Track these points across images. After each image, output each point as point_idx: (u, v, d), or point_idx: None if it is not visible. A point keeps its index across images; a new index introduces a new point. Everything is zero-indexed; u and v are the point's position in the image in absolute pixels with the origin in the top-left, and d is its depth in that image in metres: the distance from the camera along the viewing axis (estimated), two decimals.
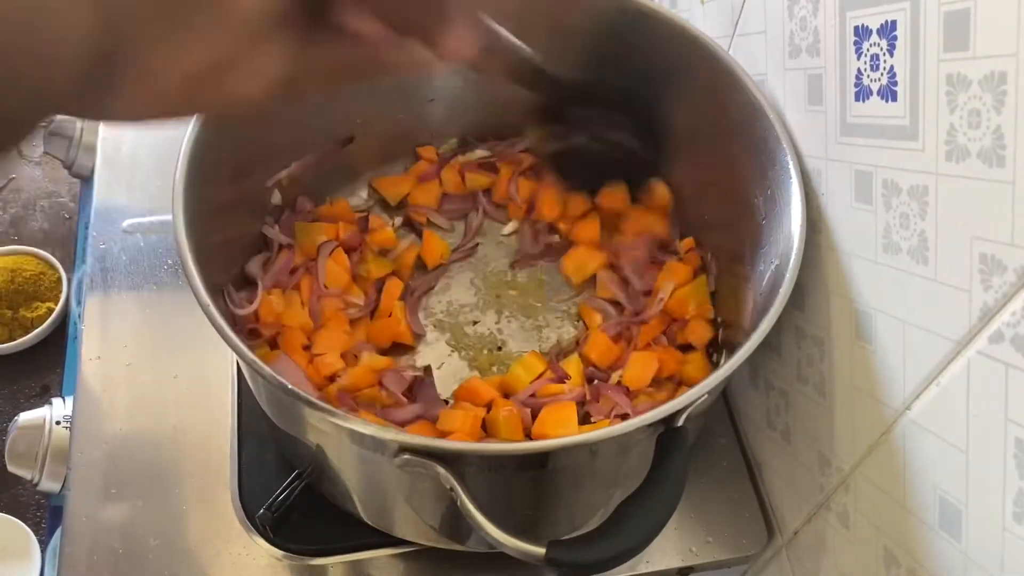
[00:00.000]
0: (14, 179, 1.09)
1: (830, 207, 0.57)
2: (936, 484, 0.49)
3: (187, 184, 0.57)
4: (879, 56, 0.50)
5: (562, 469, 0.56)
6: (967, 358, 0.46)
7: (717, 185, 0.72)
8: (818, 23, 0.56)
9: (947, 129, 0.45)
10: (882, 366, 0.53)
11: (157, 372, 0.74)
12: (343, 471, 0.60)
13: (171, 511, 0.68)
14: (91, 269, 0.81)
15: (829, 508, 0.62)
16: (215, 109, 0.39)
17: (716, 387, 0.53)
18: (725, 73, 0.64)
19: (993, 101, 0.41)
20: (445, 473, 0.49)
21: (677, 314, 0.72)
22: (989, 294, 0.43)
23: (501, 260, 0.80)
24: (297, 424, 0.59)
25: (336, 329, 0.70)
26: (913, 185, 0.48)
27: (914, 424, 0.51)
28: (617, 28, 0.69)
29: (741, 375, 0.74)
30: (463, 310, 0.76)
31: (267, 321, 0.69)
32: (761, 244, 0.63)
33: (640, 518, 0.49)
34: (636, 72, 0.68)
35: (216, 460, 0.70)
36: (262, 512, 0.66)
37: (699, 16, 0.72)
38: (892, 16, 0.48)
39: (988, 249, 0.43)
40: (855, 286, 0.55)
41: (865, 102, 0.52)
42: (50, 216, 1.06)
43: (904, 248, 0.50)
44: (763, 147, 0.62)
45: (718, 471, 0.74)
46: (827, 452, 0.61)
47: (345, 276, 0.73)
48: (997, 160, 0.42)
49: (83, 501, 0.68)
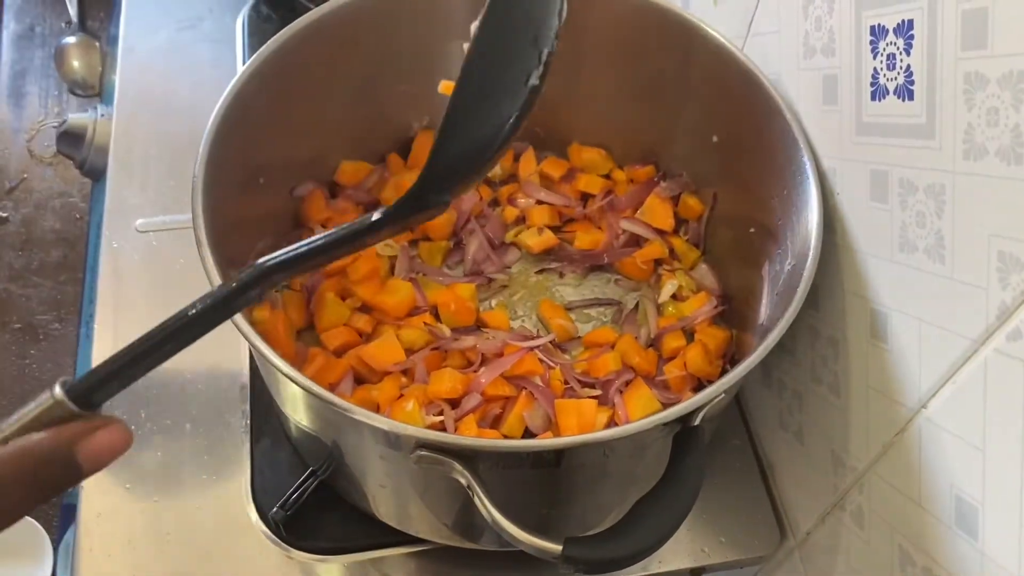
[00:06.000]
0: (26, 179, 1.10)
1: (846, 206, 0.57)
2: (952, 482, 0.49)
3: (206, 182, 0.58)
4: (895, 55, 0.50)
5: (578, 467, 0.56)
6: (984, 356, 0.46)
7: (733, 186, 0.72)
8: (833, 23, 0.56)
9: (964, 127, 0.45)
10: (898, 365, 0.53)
11: (170, 370, 0.75)
12: (359, 468, 0.61)
13: (185, 509, 0.68)
14: (103, 268, 0.81)
15: (843, 508, 0.62)
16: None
17: (733, 386, 0.53)
18: (741, 73, 0.65)
19: (1012, 99, 0.41)
20: (461, 469, 0.50)
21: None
22: (1007, 292, 0.43)
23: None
24: (314, 421, 0.59)
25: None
26: (930, 184, 0.48)
27: (930, 423, 0.51)
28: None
29: (754, 376, 0.74)
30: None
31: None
32: (778, 244, 0.63)
33: (657, 517, 0.50)
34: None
35: (230, 458, 0.70)
36: (275, 510, 0.67)
37: (713, 17, 0.72)
38: (909, 15, 0.49)
39: (1006, 247, 0.43)
40: (871, 285, 0.55)
41: (881, 101, 0.52)
42: (62, 216, 1.07)
43: (920, 247, 0.50)
44: (779, 147, 0.62)
45: (731, 472, 0.74)
46: (841, 452, 0.61)
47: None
48: (1016, 158, 0.42)
49: (97, 498, 0.68)
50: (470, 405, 0.65)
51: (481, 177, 0.45)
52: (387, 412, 0.64)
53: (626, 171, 0.81)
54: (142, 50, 0.97)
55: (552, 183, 0.81)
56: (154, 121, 0.91)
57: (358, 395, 0.66)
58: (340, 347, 0.69)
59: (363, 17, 0.68)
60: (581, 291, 0.79)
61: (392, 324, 0.71)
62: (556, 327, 0.74)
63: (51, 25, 1.22)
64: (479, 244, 0.78)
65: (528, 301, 0.78)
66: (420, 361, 0.68)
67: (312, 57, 0.67)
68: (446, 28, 0.71)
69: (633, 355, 0.71)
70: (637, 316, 0.76)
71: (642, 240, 0.78)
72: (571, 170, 0.82)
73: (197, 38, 0.99)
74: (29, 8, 1.23)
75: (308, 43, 0.66)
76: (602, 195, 0.80)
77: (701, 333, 0.72)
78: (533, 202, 0.80)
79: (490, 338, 0.71)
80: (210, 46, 0.98)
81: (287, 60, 0.65)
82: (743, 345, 0.70)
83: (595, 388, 0.69)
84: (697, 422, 0.52)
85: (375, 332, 0.71)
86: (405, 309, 0.72)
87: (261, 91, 0.63)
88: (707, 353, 0.69)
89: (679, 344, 0.71)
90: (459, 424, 0.64)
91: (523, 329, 0.75)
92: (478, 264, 0.78)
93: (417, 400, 0.64)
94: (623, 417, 0.66)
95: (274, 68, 0.64)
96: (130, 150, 0.89)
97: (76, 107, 1.12)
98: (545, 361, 0.70)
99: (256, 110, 0.63)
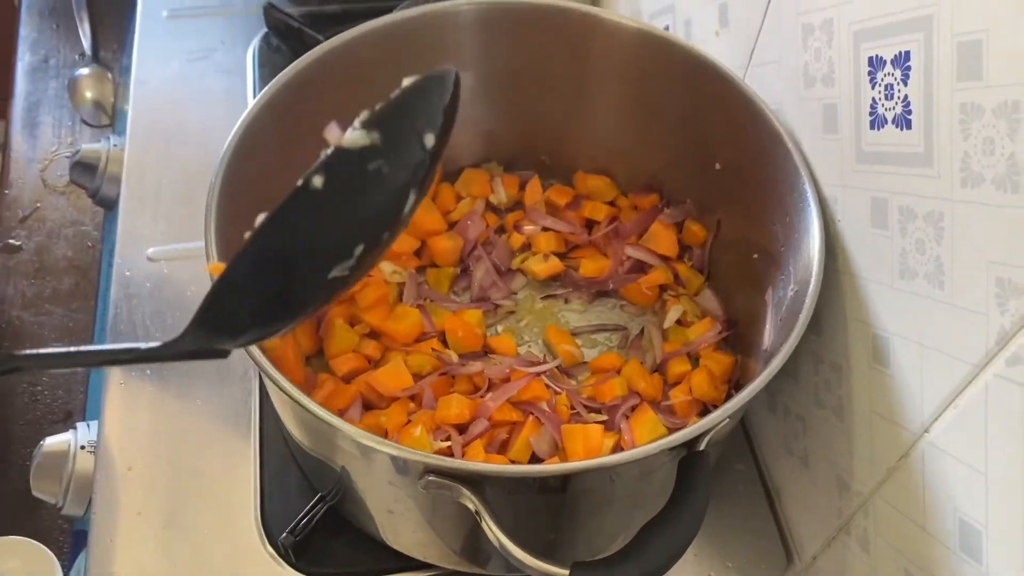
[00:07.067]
0: (39, 208, 1.11)
1: (847, 233, 0.58)
2: (956, 506, 0.49)
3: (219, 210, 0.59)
4: (893, 86, 0.51)
5: (585, 492, 0.56)
6: (985, 380, 0.46)
7: (736, 213, 0.73)
8: (832, 54, 0.57)
9: (961, 156, 0.46)
10: (900, 389, 0.54)
11: (180, 397, 0.76)
12: (367, 493, 0.61)
13: (195, 534, 0.69)
14: (115, 296, 0.82)
15: (848, 532, 0.62)
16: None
17: (737, 411, 0.54)
18: (743, 103, 0.66)
19: (1007, 129, 0.42)
20: (469, 495, 0.50)
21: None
22: (1006, 317, 0.44)
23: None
24: (323, 447, 0.60)
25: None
26: (929, 211, 0.49)
27: (933, 446, 0.51)
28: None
29: (759, 401, 0.74)
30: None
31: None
32: (781, 270, 0.64)
33: (663, 541, 0.50)
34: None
35: (239, 484, 0.71)
36: (284, 535, 0.67)
37: (714, 47, 0.74)
38: (906, 47, 0.50)
39: (1004, 273, 0.44)
40: (872, 311, 0.56)
41: (880, 130, 0.53)
42: (74, 244, 1.08)
43: (921, 273, 0.51)
44: (781, 175, 0.63)
45: (737, 496, 0.74)
46: (846, 476, 0.61)
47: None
48: (1012, 186, 0.43)
49: (108, 524, 0.69)
50: (477, 430, 0.66)
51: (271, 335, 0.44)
52: (395, 438, 0.65)
53: (630, 198, 0.82)
54: (154, 81, 0.99)
55: (558, 210, 0.82)
56: (166, 151, 0.92)
57: (366, 421, 0.67)
58: (349, 373, 0.70)
59: (372, 50, 0.70)
60: (587, 317, 0.79)
61: (400, 350, 0.72)
62: (562, 352, 0.75)
63: (65, 57, 1.24)
64: (486, 271, 0.79)
65: (534, 327, 0.78)
66: (428, 387, 0.69)
67: (322, 89, 0.68)
68: (455, 61, 0.72)
69: (639, 380, 0.71)
70: (643, 341, 0.77)
71: (647, 266, 0.79)
72: (576, 197, 0.83)
73: (208, 69, 1.00)
74: (44, 40, 1.26)
75: (318, 76, 0.67)
76: (607, 222, 0.81)
77: (706, 358, 0.72)
78: (539, 229, 0.81)
79: (497, 364, 0.72)
80: (221, 77, 1.00)
81: (298, 92, 0.67)
82: (748, 370, 0.70)
83: (601, 413, 0.70)
84: (702, 447, 0.53)
85: (383, 358, 0.72)
86: (413, 335, 0.73)
87: (272, 122, 0.65)
88: (712, 378, 0.70)
89: (684, 369, 0.72)
90: (466, 449, 0.65)
91: (530, 355, 0.76)
92: (485, 290, 0.79)
93: (425, 426, 0.65)
94: (629, 442, 0.66)
95: (285, 100, 0.66)
96: (142, 179, 0.90)
97: (89, 137, 1.14)
98: (551, 386, 0.71)
99: (267, 140, 0.65)
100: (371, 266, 0.44)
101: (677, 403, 0.70)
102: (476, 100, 0.78)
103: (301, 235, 0.43)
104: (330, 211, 0.43)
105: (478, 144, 0.83)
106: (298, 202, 0.43)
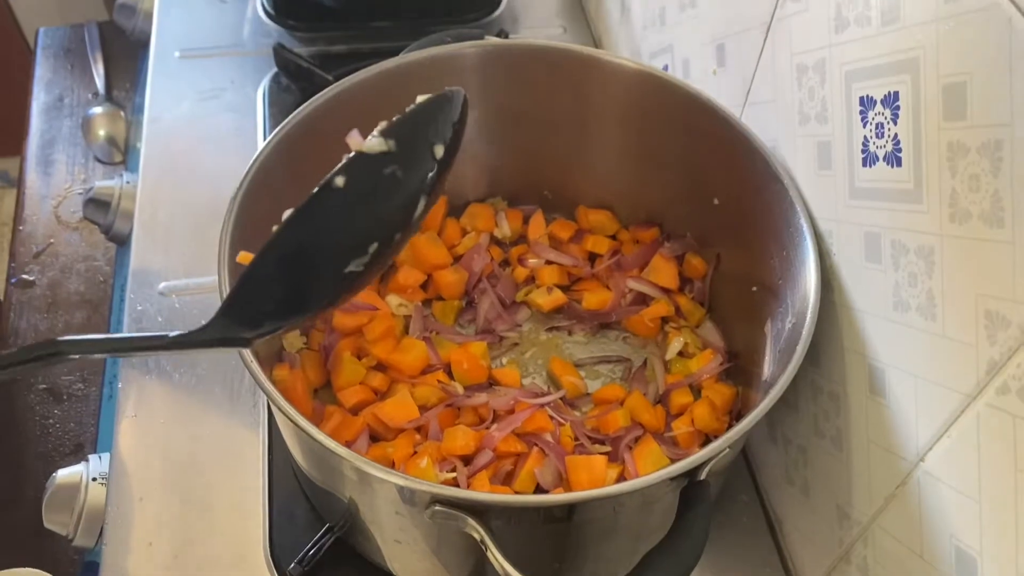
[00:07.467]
0: (52, 244, 1.13)
1: (842, 267, 0.60)
2: (951, 533, 0.50)
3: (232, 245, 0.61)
4: (883, 124, 0.53)
5: (588, 522, 0.57)
6: (976, 410, 0.47)
7: (735, 246, 0.75)
8: (825, 93, 0.59)
9: (949, 193, 0.48)
10: (896, 419, 0.55)
11: (191, 429, 0.77)
12: (375, 524, 0.62)
13: (205, 565, 0.70)
14: (127, 330, 0.84)
15: (849, 561, 0.63)
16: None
17: (737, 441, 0.55)
18: (740, 140, 0.68)
19: (990, 167, 0.44)
20: (475, 525, 0.51)
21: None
22: (995, 348, 0.45)
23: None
24: (331, 477, 0.61)
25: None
26: (920, 245, 0.51)
27: (928, 475, 0.52)
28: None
29: (760, 432, 0.75)
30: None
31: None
32: (779, 303, 0.65)
33: (665, 570, 0.51)
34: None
35: (248, 515, 0.72)
36: (293, 566, 0.68)
37: (711, 86, 0.76)
38: (894, 88, 0.51)
39: (992, 305, 0.45)
40: (868, 342, 0.57)
41: (872, 167, 0.55)
42: (86, 279, 1.10)
43: (913, 305, 0.52)
44: (778, 210, 0.64)
45: (739, 527, 0.75)
46: (845, 505, 0.62)
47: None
48: (996, 221, 0.44)
49: (119, 555, 0.70)
50: (482, 462, 0.67)
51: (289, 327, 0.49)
52: (402, 469, 0.66)
53: (631, 232, 0.84)
54: (166, 119, 1.01)
55: (561, 244, 0.84)
56: (177, 188, 0.94)
57: (373, 452, 0.68)
58: (356, 405, 0.71)
59: (380, 91, 0.72)
60: (590, 348, 0.81)
61: (406, 382, 0.73)
62: (566, 384, 0.76)
63: (79, 95, 1.27)
64: (491, 303, 0.81)
65: (539, 359, 0.80)
66: (434, 418, 0.70)
67: (332, 128, 0.69)
68: None
69: (642, 412, 0.73)
70: (645, 373, 0.78)
71: (648, 299, 0.80)
72: (579, 231, 0.84)
73: (219, 108, 1.03)
74: (58, 80, 1.28)
75: (329, 115, 0.69)
76: (609, 255, 0.82)
77: (708, 389, 0.73)
78: (543, 262, 0.83)
79: (502, 395, 0.73)
80: (232, 116, 1.02)
81: (308, 132, 0.69)
82: (749, 401, 0.72)
83: (605, 444, 0.71)
84: (703, 476, 0.54)
85: (390, 390, 0.73)
86: (419, 367, 0.74)
87: (283, 161, 0.67)
88: (714, 409, 0.71)
89: (687, 400, 0.73)
90: (472, 480, 0.66)
91: (534, 386, 0.77)
92: (490, 323, 0.80)
93: (431, 457, 0.66)
94: (633, 473, 0.67)
95: (295, 139, 0.68)
96: (154, 215, 0.92)
97: (102, 175, 1.16)
98: (556, 418, 0.72)
99: (278, 178, 0.66)
100: (383, 266, 0.48)
101: (680, 434, 0.71)
102: (481, 137, 0.80)
103: (322, 230, 0.47)
104: (349, 208, 0.48)
105: (483, 179, 0.85)
106: (321, 199, 0.48)
